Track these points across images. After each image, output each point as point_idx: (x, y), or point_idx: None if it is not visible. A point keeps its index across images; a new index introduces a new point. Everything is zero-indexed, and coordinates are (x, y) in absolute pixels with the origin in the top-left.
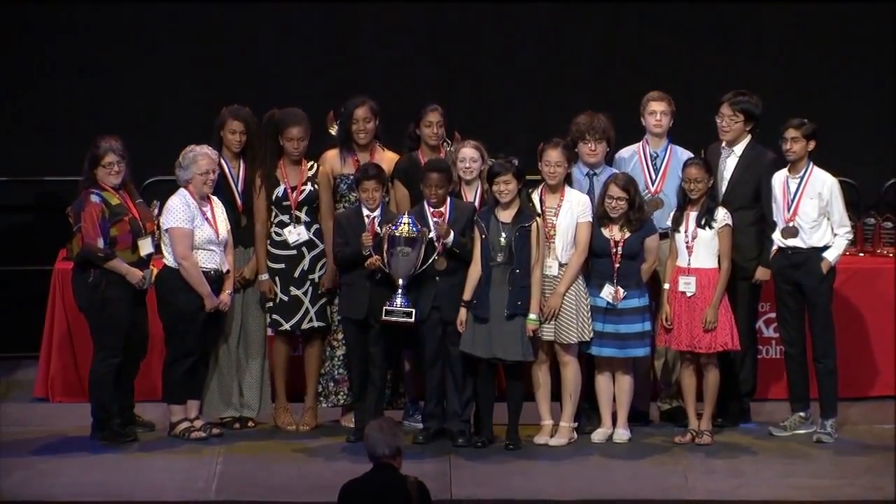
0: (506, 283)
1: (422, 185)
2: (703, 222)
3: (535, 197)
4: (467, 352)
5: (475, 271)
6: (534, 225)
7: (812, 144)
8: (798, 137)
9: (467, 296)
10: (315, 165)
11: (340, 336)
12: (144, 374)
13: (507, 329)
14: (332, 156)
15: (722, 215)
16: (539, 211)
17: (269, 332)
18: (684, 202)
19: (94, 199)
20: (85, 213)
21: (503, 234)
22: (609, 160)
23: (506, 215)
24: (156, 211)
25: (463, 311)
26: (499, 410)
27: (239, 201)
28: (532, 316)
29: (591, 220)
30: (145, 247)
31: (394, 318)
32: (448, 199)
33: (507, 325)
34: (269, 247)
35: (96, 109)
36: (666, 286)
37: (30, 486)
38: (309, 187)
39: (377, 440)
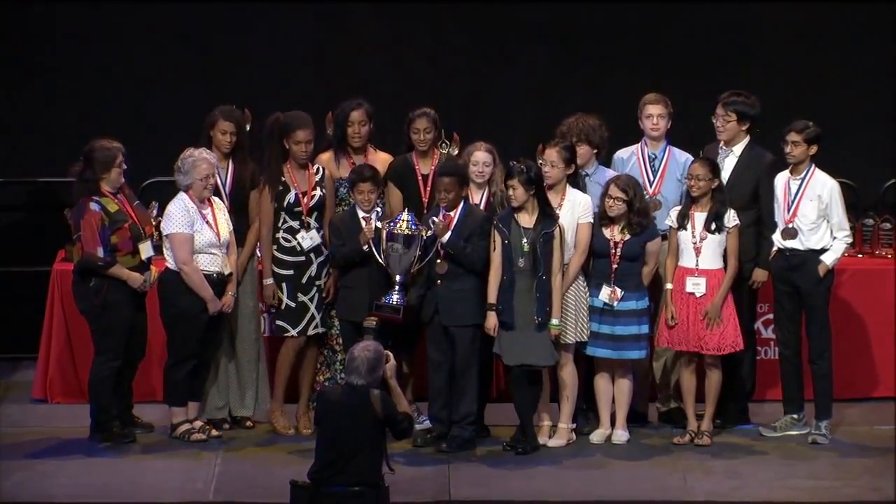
0: (533, 291)
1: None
2: (713, 228)
3: None
4: (497, 354)
5: (496, 276)
6: (556, 230)
7: (814, 149)
8: (798, 141)
9: (492, 299)
10: (321, 169)
11: (343, 340)
12: (145, 375)
13: (538, 336)
14: (326, 159)
15: (731, 217)
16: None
17: (266, 333)
18: (689, 200)
19: (94, 207)
20: (84, 222)
21: (525, 240)
22: (607, 160)
23: (526, 220)
24: (154, 212)
25: (493, 316)
26: (498, 410)
27: (227, 203)
28: (554, 321)
29: (591, 220)
30: (145, 250)
31: (381, 313)
32: (462, 204)
33: (537, 332)
34: (275, 252)
35: (94, 110)
36: (669, 286)
37: (29, 488)
38: (319, 192)
39: (360, 370)
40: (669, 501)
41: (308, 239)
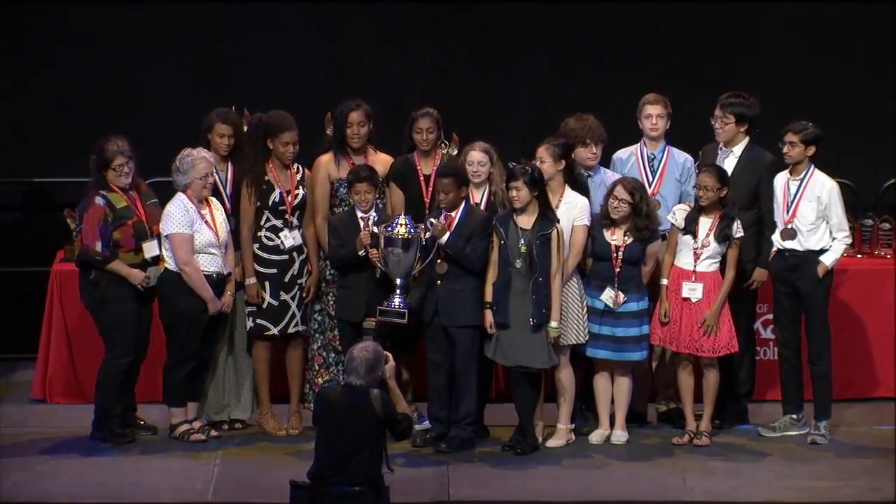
0: (529, 292)
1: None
2: (720, 238)
3: None
4: (491, 357)
5: (492, 276)
6: (554, 232)
7: (812, 150)
8: (795, 142)
9: (488, 298)
10: (301, 169)
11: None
12: (151, 374)
13: (534, 337)
14: (326, 160)
15: (737, 228)
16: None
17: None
18: (698, 206)
19: (99, 201)
20: (87, 215)
21: (522, 241)
22: (606, 160)
23: (525, 221)
24: None
25: (489, 314)
26: (497, 410)
27: (228, 204)
28: (553, 324)
29: (587, 223)
30: (150, 249)
31: (387, 319)
32: (463, 205)
33: (533, 333)
34: (259, 251)
35: (94, 110)
36: (664, 282)
37: (28, 488)
38: (301, 191)
39: (359, 370)
40: (669, 502)
41: (291, 238)
